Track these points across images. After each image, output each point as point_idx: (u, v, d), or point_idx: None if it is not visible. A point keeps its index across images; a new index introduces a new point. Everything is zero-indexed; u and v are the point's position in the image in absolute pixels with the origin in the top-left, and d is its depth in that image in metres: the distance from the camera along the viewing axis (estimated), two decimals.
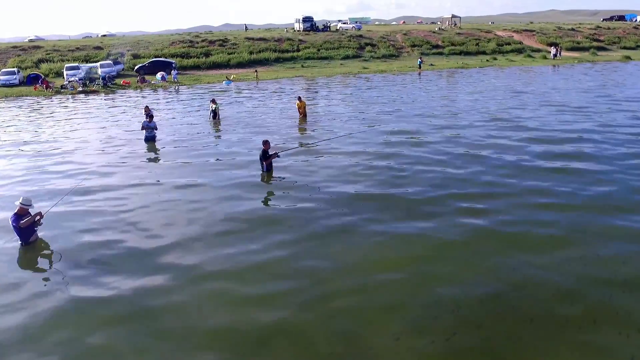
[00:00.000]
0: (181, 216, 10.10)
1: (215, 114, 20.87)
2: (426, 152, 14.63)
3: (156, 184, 12.34)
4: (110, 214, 10.27)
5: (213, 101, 21.26)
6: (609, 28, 72.39)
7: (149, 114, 17.45)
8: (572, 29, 69.95)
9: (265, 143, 12.63)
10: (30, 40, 65.47)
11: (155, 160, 15.07)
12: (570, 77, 36.26)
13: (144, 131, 16.82)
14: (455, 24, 73.24)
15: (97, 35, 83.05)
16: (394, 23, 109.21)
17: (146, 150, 16.11)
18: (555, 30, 69.71)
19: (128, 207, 10.69)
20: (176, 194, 11.43)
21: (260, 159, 12.66)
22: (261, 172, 12.67)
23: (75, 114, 25.44)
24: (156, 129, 17.08)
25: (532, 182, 11.55)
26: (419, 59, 47.50)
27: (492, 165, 13.09)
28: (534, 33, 66.78)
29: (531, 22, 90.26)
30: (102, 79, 38.24)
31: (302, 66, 48.92)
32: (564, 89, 29.15)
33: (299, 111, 20.97)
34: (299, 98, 21.14)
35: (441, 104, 24.33)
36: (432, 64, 48.44)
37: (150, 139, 16.73)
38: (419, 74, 42.31)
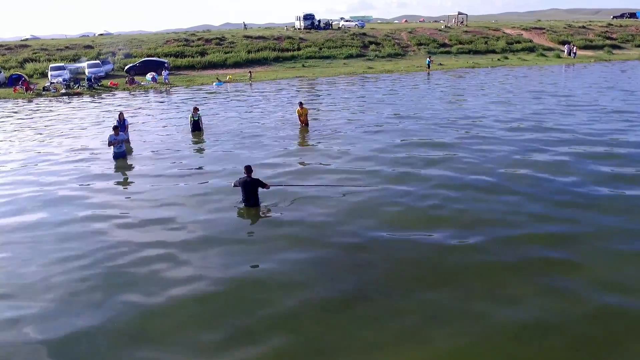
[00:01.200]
0: (126, 277, 7.34)
1: (197, 124, 17.60)
2: (464, 174, 11.69)
3: (112, 214, 9.62)
4: (46, 253, 7.59)
5: (195, 109, 17.85)
6: (620, 26, 69.63)
7: (120, 124, 14.55)
8: (583, 27, 67.21)
9: (248, 169, 9.71)
10: (24, 40, 62.50)
11: (121, 181, 12.34)
12: (595, 77, 33.44)
13: (112, 147, 13.70)
14: (462, 22, 70.30)
15: (94, 35, 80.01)
16: (395, 22, 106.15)
17: (114, 170, 13.22)
18: (565, 28, 66.94)
19: (63, 246, 8.10)
20: (130, 234, 8.68)
21: (244, 187, 9.64)
22: (242, 205, 9.72)
23: (50, 119, 22.64)
24: (128, 142, 14.18)
25: (604, 216, 8.90)
26: (428, 58, 44.73)
27: (547, 189, 10.36)
28: (544, 31, 64.02)
29: (539, 20, 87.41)
30: (87, 80, 35.47)
31: (303, 66, 46.16)
32: (595, 91, 26.32)
33: (299, 119, 18.20)
34: (300, 104, 18.32)
35: (463, 109, 21.51)
36: (441, 64, 45.65)
37: (119, 156, 13.73)
38: (428, 73, 39.57)
